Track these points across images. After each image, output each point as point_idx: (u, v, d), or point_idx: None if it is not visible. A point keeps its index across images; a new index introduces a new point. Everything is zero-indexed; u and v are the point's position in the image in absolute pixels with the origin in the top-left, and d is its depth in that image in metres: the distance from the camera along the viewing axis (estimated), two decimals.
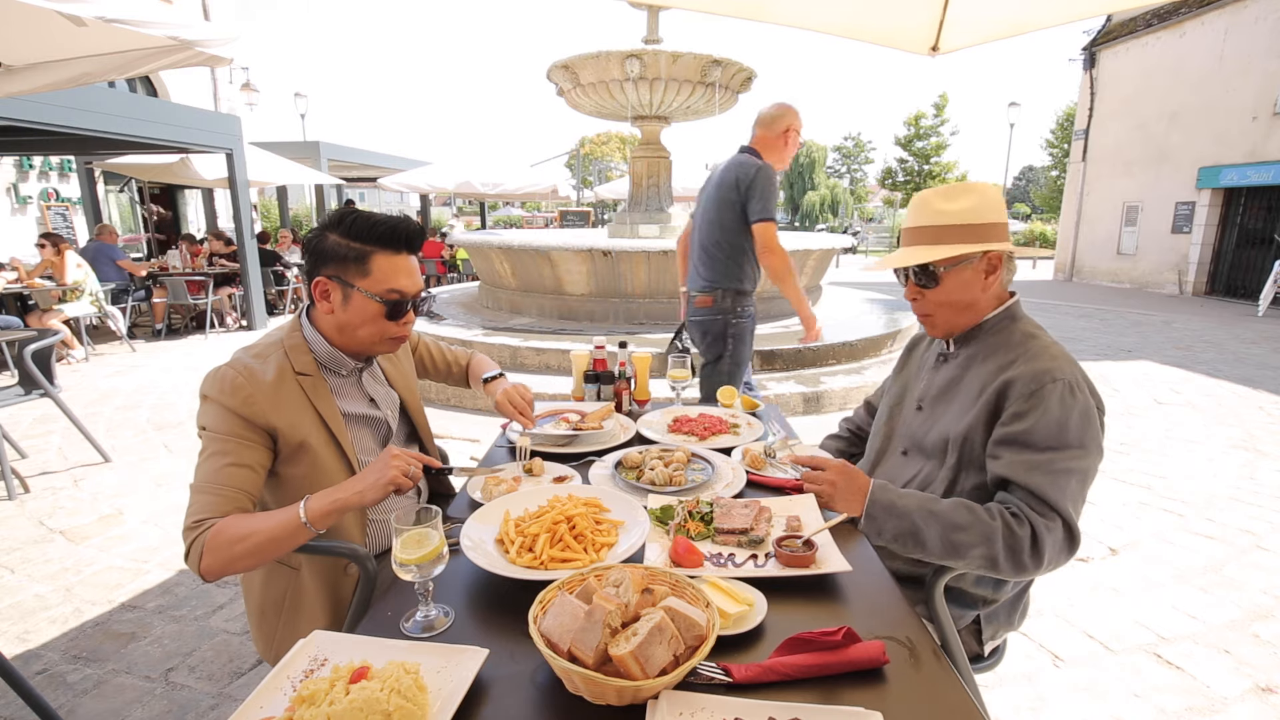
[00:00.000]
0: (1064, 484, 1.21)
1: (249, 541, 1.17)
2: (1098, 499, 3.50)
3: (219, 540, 1.16)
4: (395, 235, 1.36)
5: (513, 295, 6.93)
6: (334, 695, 0.82)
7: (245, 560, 1.18)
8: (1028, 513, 1.20)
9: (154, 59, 2.68)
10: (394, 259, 1.37)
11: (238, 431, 1.27)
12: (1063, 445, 1.21)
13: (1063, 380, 1.24)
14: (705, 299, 2.99)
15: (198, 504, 1.21)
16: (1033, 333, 1.37)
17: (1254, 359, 7.05)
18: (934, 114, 35.78)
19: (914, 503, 1.28)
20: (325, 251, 1.35)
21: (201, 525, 1.18)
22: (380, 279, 1.35)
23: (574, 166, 28.53)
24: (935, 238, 1.37)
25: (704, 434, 1.91)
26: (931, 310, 1.43)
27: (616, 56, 6.64)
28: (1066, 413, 1.22)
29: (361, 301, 1.35)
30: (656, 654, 0.85)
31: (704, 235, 2.97)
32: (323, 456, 1.37)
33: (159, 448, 4.26)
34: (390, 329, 1.40)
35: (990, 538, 1.20)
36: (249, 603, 1.49)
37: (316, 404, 1.37)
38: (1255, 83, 11.61)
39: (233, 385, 1.27)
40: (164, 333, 8.31)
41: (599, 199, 21.55)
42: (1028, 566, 1.20)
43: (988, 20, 2.26)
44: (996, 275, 1.39)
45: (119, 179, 12.93)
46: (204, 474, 1.24)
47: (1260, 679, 2.11)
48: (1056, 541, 1.20)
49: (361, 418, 1.49)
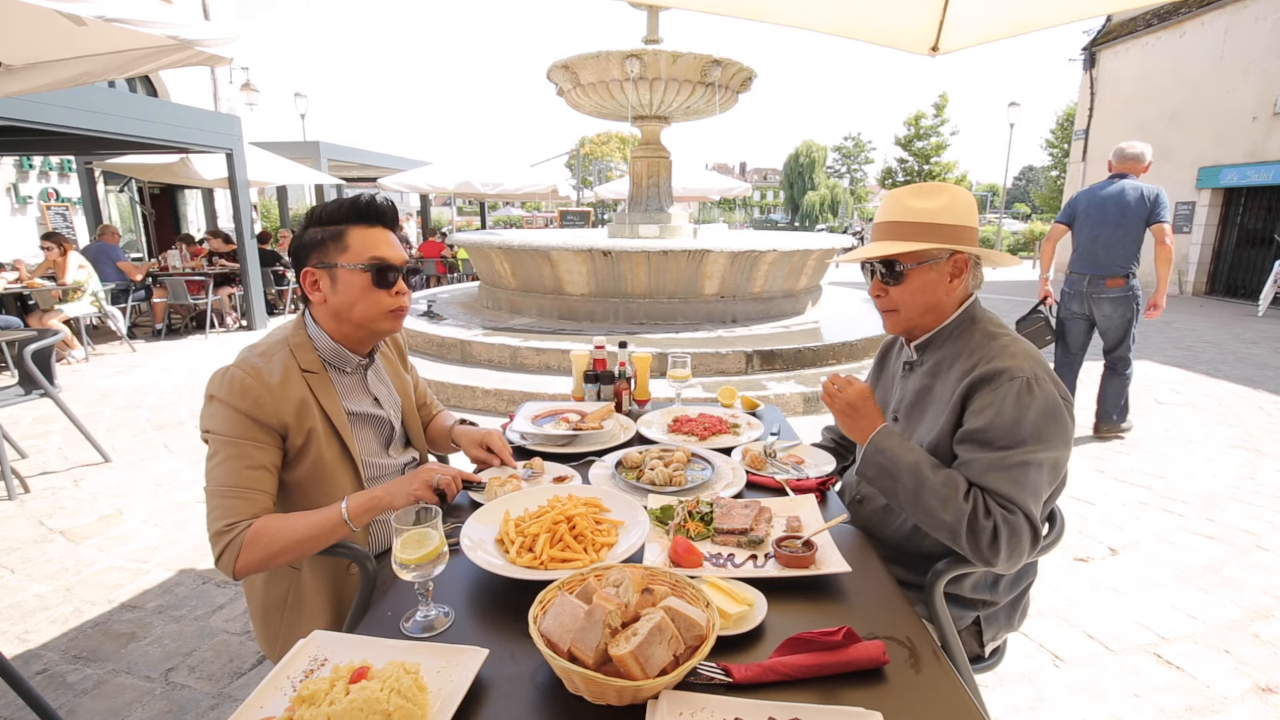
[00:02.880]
0: (1021, 479, 1.22)
1: (288, 539, 1.22)
2: (1098, 499, 3.50)
3: (258, 540, 1.20)
4: (366, 210, 1.39)
5: (513, 295, 6.93)
6: (334, 695, 0.82)
7: (283, 557, 1.23)
8: (994, 508, 1.22)
9: (154, 59, 2.68)
10: (368, 231, 1.39)
11: (249, 433, 1.28)
12: (1017, 442, 1.22)
13: (1019, 378, 1.24)
14: (1118, 280, 3.98)
15: (223, 508, 1.23)
16: (993, 332, 1.37)
17: (1254, 359, 7.04)
18: (934, 114, 35.82)
19: (908, 461, 1.30)
20: (306, 245, 1.39)
21: (234, 528, 1.20)
22: (359, 250, 1.37)
23: (574, 166, 28.52)
24: (902, 234, 1.37)
25: (704, 434, 1.91)
26: (894, 306, 1.43)
27: (616, 56, 6.64)
28: (1022, 410, 1.23)
29: (347, 276, 1.37)
30: (656, 654, 0.85)
31: (1111, 236, 3.92)
32: (327, 454, 1.37)
33: (159, 448, 4.26)
34: (384, 299, 1.40)
35: (959, 519, 1.22)
36: (251, 602, 1.49)
37: (322, 401, 1.37)
38: (1255, 83, 11.60)
39: (242, 386, 1.28)
40: (164, 333, 8.31)
41: (599, 199, 21.54)
42: (986, 557, 1.22)
43: (988, 20, 2.26)
44: (961, 279, 1.39)
45: (119, 179, 12.93)
46: (222, 477, 1.25)
47: (1260, 679, 2.11)
48: (1018, 536, 1.21)
49: (365, 416, 1.49)
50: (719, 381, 5.10)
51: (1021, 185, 58.35)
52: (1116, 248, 3.93)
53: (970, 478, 1.25)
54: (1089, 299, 4.08)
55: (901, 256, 1.36)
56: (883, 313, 1.47)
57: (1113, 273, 3.97)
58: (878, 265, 1.40)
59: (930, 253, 1.35)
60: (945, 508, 1.24)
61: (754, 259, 6.13)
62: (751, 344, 5.50)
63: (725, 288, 6.29)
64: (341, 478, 1.40)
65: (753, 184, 51.79)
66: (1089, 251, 4.04)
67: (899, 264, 1.37)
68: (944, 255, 1.36)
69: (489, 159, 13.98)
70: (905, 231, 1.36)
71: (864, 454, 1.38)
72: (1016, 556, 1.21)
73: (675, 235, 7.44)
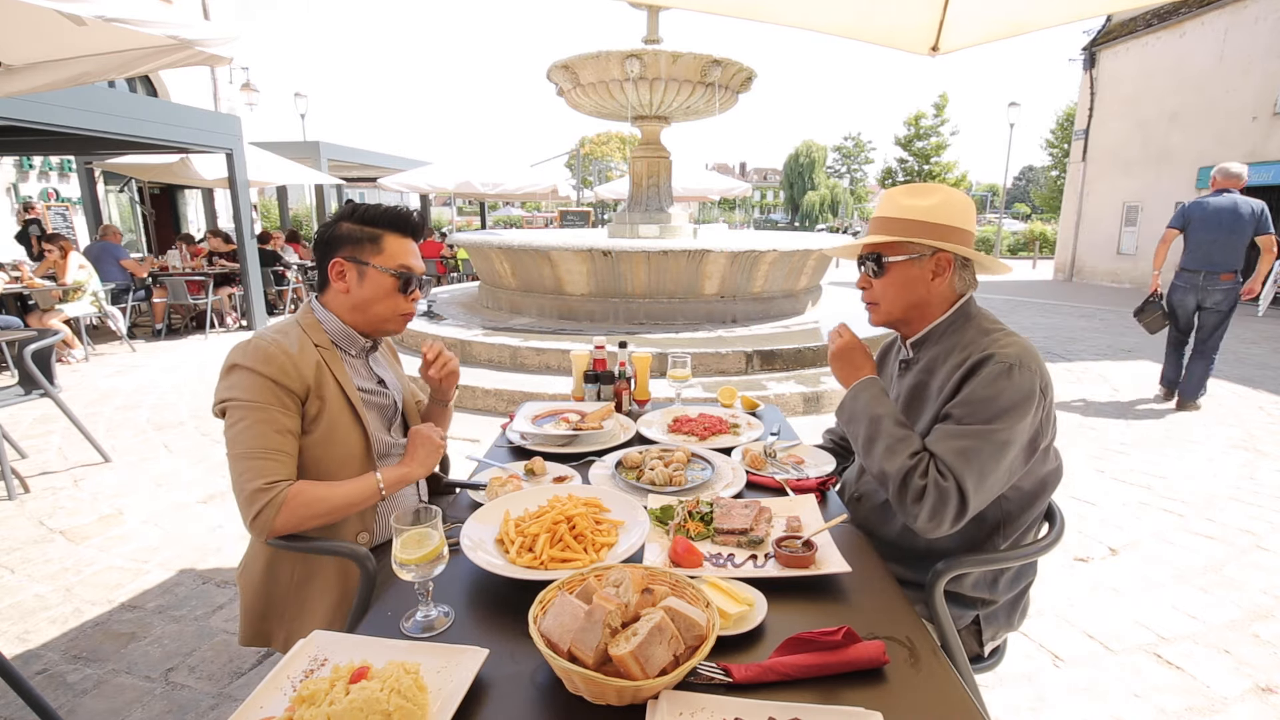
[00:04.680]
0: (970, 452, 1.23)
1: (329, 504, 1.32)
2: (1098, 499, 3.50)
3: (297, 501, 1.28)
4: (404, 221, 1.52)
5: (513, 295, 6.93)
6: (334, 695, 0.82)
7: (319, 520, 1.32)
8: (931, 471, 1.25)
9: (154, 58, 2.67)
10: (402, 241, 1.51)
11: (275, 398, 1.33)
12: (979, 419, 1.24)
13: (1004, 363, 1.26)
14: (1230, 275, 4.80)
15: (256, 468, 1.28)
16: (987, 328, 1.38)
17: (1254, 359, 7.04)
18: (934, 114, 35.82)
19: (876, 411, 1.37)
20: (339, 237, 1.48)
21: (274, 486, 1.26)
22: (392, 256, 1.49)
23: (574, 166, 28.52)
24: (889, 229, 1.41)
25: (704, 434, 1.91)
26: (875, 299, 1.47)
27: (616, 56, 6.64)
28: (996, 391, 1.24)
29: (376, 277, 1.47)
30: (656, 654, 0.85)
31: (1226, 241, 4.76)
32: (339, 423, 1.42)
33: (159, 448, 4.26)
34: (401, 304, 1.51)
35: (898, 472, 1.27)
36: (249, 590, 1.47)
37: (335, 373, 1.44)
38: (1255, 83, 11.60)
39: (266, 354, 1.34)
40: (164, 333, 8.31)
41: (599, 199, 21.54)
42: (910, 512, 1.26)
43: (988, 20, 2.26)
44: (944, 278, 1.40)
45: (119, 179, 12.93)
46: (251, 440, 1.30)
47: (1260, 679, 2.11)
48: (944, 502, 1.22)
49: (371, 394, 1.55)
50: (719, 381, 5.10)
51: (1021, 185, 58.36)
52: (1230, 250, 4.79)
53: (928, 444, 1.29)
54: (1203, 290, 4.91)
55: (882, 248, 1.41)
56: (866, 306, 1.51)
57: (1226, 269, 4.82)
58: (868, 259, 1.45)
59: (912, 247, 1.38)
60: (890, 459, 1.29)
61: (754, 259, 6.13)
62: (751, 344, 5.50)
63: (725, 288, 6.29)
64: (354, 448, 1.45)
65: (753, 184, 51.73)
66: (1205, 253, 4.85)
67: (884, 256, 1.41)
68: (927, 252, 1.38)
69: (489, 159, 13.96)
70: (893, 227, 1.40)
71: (843, 399, 1.47)
72: (936, 521, 1.23)
73: (675, 235, 7.43)
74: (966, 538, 1.38)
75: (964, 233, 1.38)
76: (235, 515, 3.23)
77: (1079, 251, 16.18)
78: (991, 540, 1.38)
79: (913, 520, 1.26)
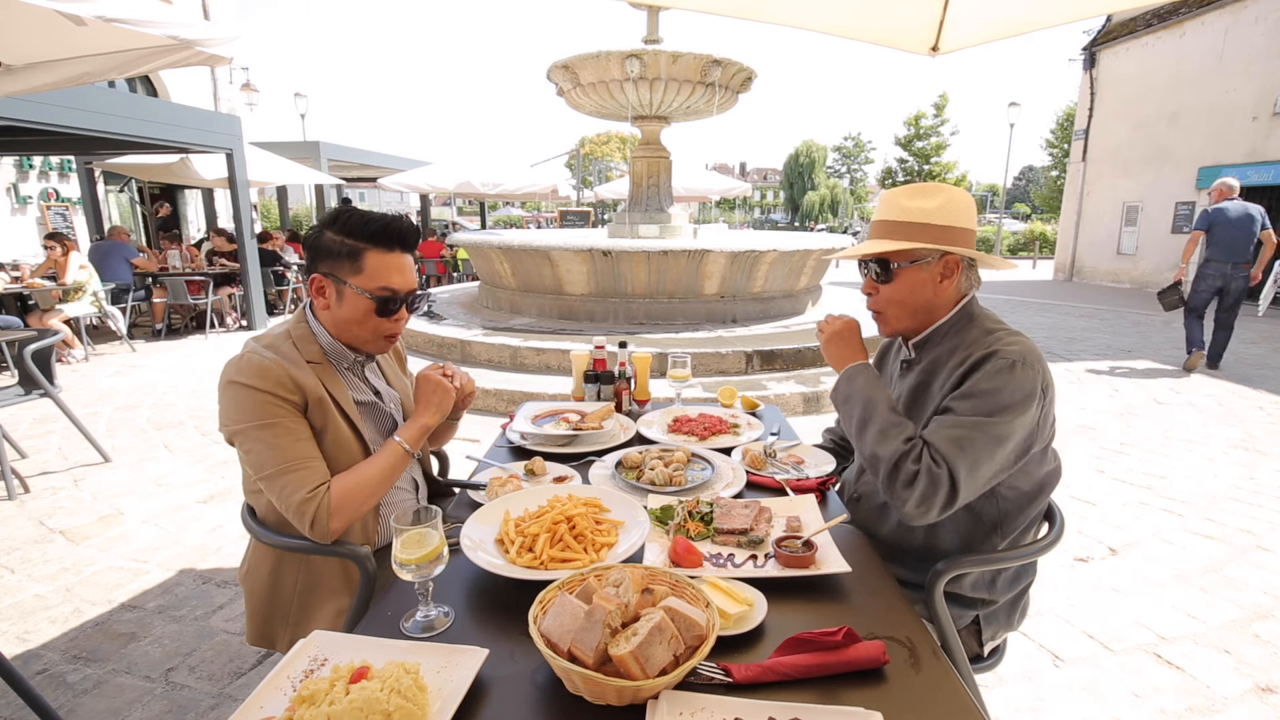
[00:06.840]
0: (965, 442, 1.23)
1: (368, 486, 1.35)
2: (1098, 499, 3.50)
3: (341, 499, 1.30)
4: (388, 233, 1.38)
5: (513, 295, 6.93)
6: (334, 695, 0.82)
7: (370, 502, 1.36)
8: (925, 457, 1.24)
9: (154, 58, 2.67)
10: (386, 256, 1.38)
11: (281, 410, 1.32)
12: (979, 411, 1.24)
13: (1008, 359, 1.25)
14: (1247, 264, 6.14)
15: (293, 482, 1.28)
16: (990, 328, 1.37)
17: (1254, 359, 7.05)
18: (934, 114, 35.81)
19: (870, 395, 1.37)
20: (321, 248, 1.39)
21: (317, 493, 1.28)
22: (372, 276, 1.37)
23: (574, 166, 28.51)
24: (895, 233, 1.38)
25: (704, 434, 1.91)
26: (883, 307, 1.45)
27: (616, 56, 6.64)
28: (998, 385, 1.24)
29: (354, 298, 1.38)
30: (656, 654, 0.85)
31: (1244, 237, 6.06)
32: (339, 438, 1.39)
33: (159, 448, 4.26)
34: (382, 326, 1.42)
35: (891, 456, 1.27)
36: (254, 595, 1.48)
37: (329, 387, 1.40)
38: (1255, 83, 11.60)
39: (261, 368, 1.31)
40: (164, 333, 8.31)
41: (599, 199, 21.53)
42: (899, 496, 1.25)
43: (988, 20, 2.26)
44: (952, 280, 1.38)
45: (119, 179, 12.92)
46: (276, 458, 1.29)
47: (1260, 679, 2.11)
48: (935, 489, 1.22)
49: (368, 404, 1.52)
50: (719, 381, 5.10)
51: (1021, 185, 58.33)
52: (1247, 245, 6.12)
53: (925, 434, 1.29)
54: (1230, 277, 6.16)
55: (891, 255, 1.38)
56: (873, 315, 1.49)
57: (1246, 260, 6.15)
58: (871, 263, 1.42)
59: (920, 252, 1.36)
60: (883, 443, 1.29)
61: (754, 259, 6.13)
62: (751, 344, 5.50)
63: (725, 288, 6.29)
64: (354, 458, 1.42)
65: (753, 184, 51.78)
66: (1229, 248, 6.10)
67: (891, 262, 1.39)
68: (935, 256, 1.36)
69: (489, 159, 13.96)
70: (898, 231, 1.37)
71: (836, 381, 1.46)
72: (925, 508, 1.23)
73: (675, 235, 7.43)
74: (965, 538, 1.38)
75: (969, 232, 1.37)
76: (235, 515, 3.23)
77: (1079, 251, 16.18)
78: (990, 540, 1.38)
79: (900, 505, 1.26)
